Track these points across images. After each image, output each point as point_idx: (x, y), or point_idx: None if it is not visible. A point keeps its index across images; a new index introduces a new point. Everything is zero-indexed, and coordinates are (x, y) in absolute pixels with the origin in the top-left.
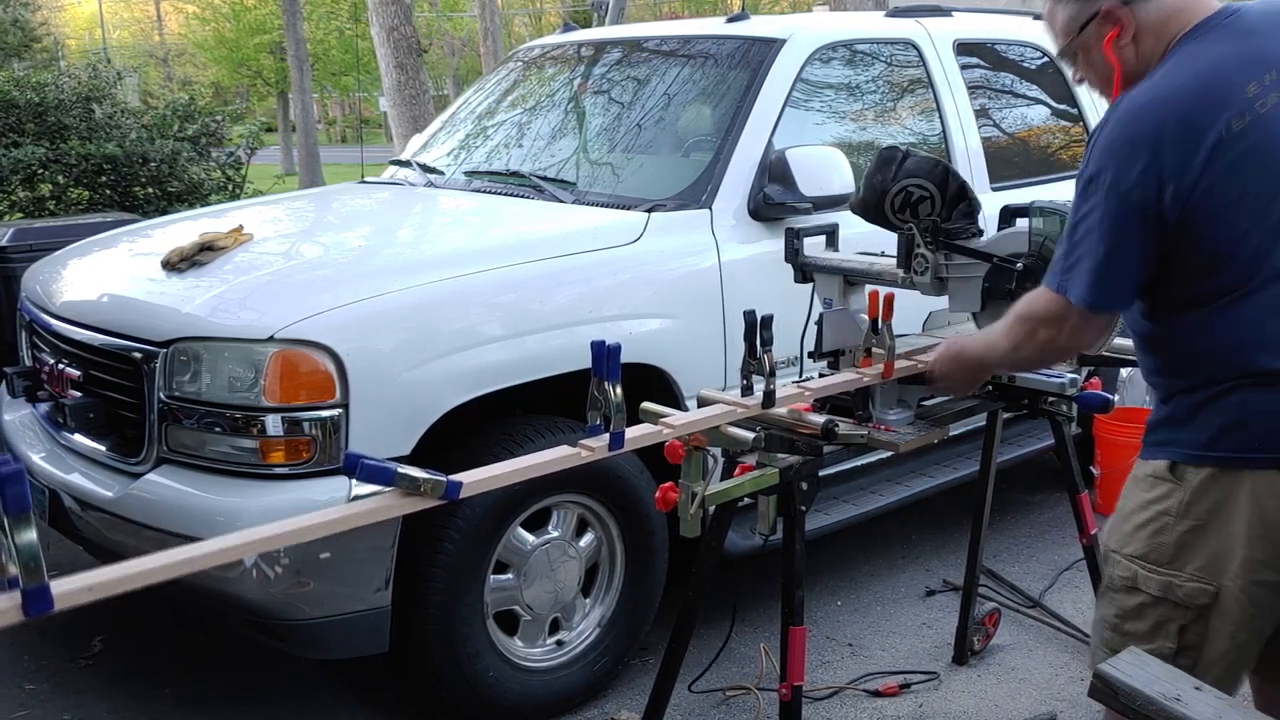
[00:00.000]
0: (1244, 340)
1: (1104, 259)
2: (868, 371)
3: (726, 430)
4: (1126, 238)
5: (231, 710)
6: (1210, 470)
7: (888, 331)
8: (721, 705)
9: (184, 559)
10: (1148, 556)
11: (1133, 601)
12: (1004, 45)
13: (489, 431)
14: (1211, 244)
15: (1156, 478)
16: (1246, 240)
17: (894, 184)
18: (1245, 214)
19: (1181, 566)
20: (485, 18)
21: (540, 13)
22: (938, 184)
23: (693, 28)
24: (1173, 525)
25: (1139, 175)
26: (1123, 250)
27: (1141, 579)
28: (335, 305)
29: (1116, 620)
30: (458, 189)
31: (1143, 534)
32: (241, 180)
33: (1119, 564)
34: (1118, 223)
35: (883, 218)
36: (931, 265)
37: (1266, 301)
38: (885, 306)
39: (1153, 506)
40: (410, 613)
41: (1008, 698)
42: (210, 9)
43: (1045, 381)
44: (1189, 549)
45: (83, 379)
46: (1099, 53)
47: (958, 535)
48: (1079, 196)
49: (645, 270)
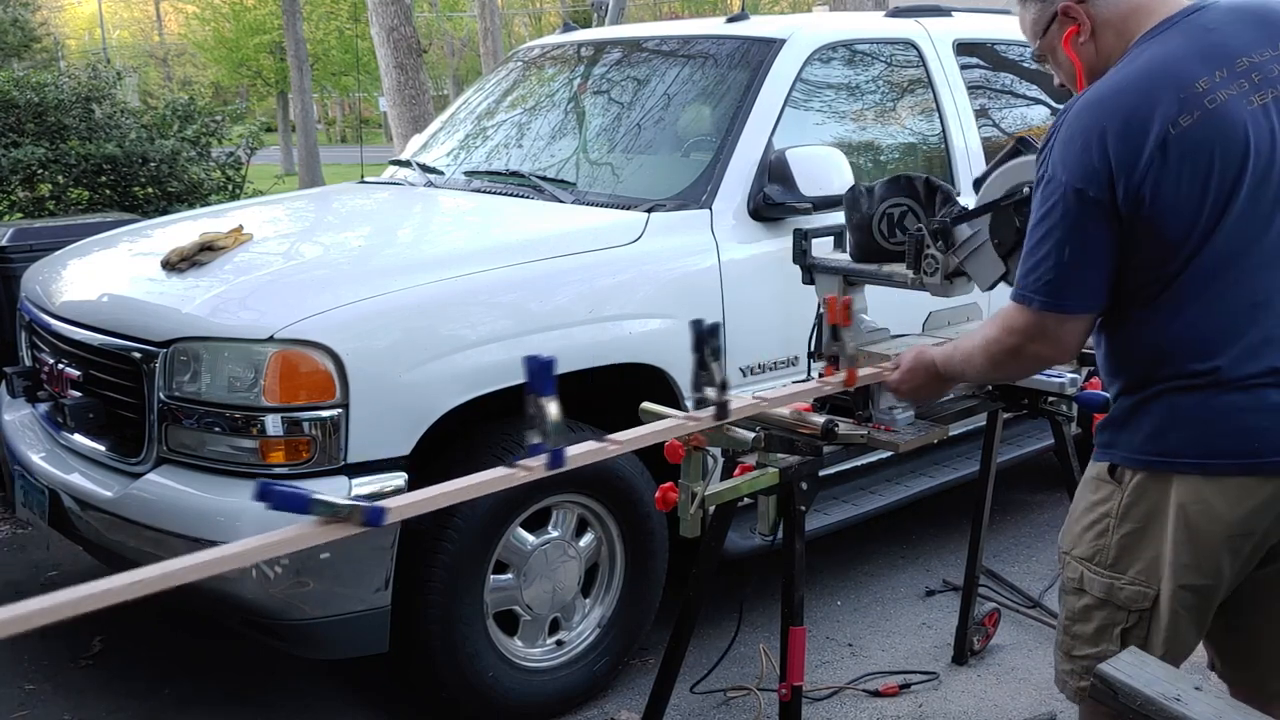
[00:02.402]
0: (1173, 342)
1: (1068, 261)
2: (830, 381)
3: (727, 430)
4: (1088, 236)
5: (231, 710)
6: (1144, 474)
7: (847, 337)
8: (722, 705)
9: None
10: (1093, 558)
11: (1079, 603)
12: (1004, 45)
13: (489, 431)
14: (1156, 244)
15: (1100, 480)
16: (1185, 241)
17: (874, 215)
18: (1187, 214)
19: (1123, 570)
20: (485, 18)
21: (540, 13)
22: (909, 194)
23: (693, 28)
24: (1114, 528)
25: (1091, 173)
26: (1088, 249)
27: (1087, 580)
28: (335, 305)
29: (1067, 623)
30: (457, 189)
31: (1089, 536)
32: (241, 180)
33: (1069, 565)
34: (1076, 222)
35: (883, 250)
36: (942, 265)
37: (1197, 303)
38: (843, 311)
39: (1097, 509)
40: (410, 613)
41: (1007, 698)
42: (210, 9)
43: (1045, 381)
44: (1129, 552)
45: (83, 379)
46: (1062, 52)
47: (958, 535)
48: (1037, 200)
49: (645, 270)
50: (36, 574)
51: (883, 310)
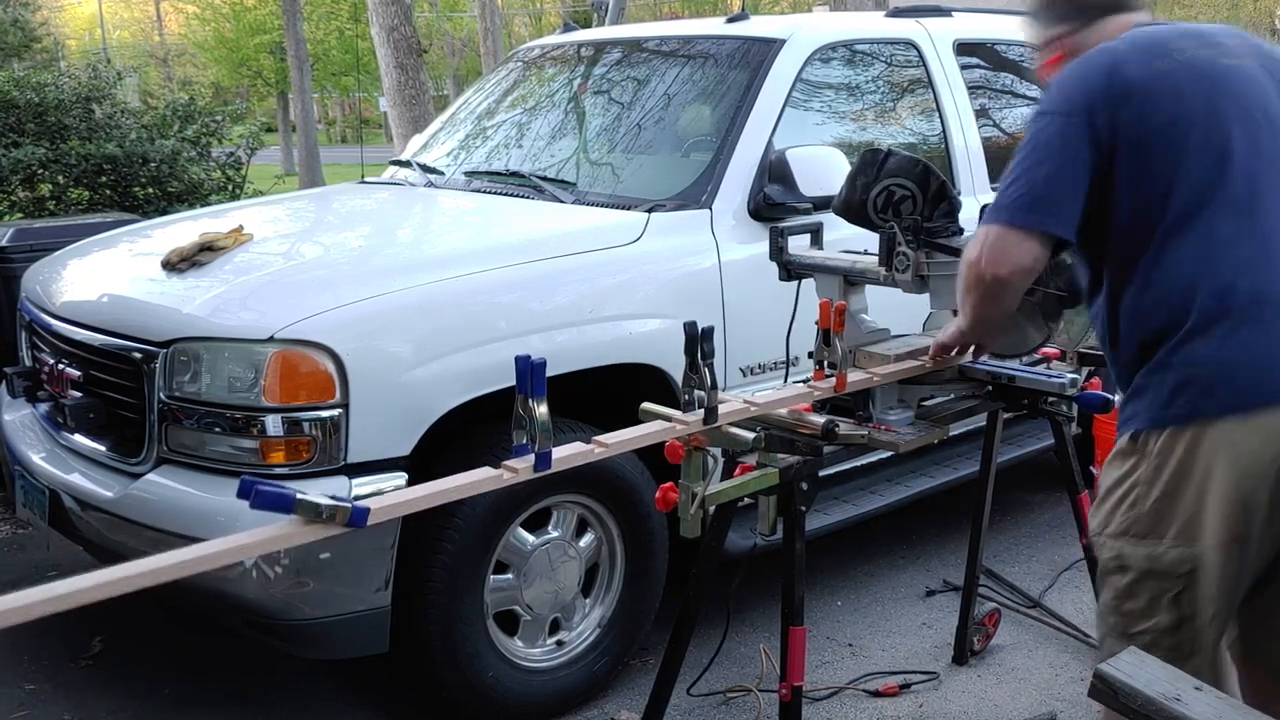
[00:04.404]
0: (1182, 286)
1: (1042, 179)
2: (819, 385)
3: (726, 430)
4: (1066, 158)
5: (231, 710)
6: (1169, 432)
7: (839, 342)
8: (722, 705)
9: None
10: (1129, 530)
11: (1124, 580)
12: (1004, 45)
13: (489, 432)
14: (1141, 178)
15: (1123, 453)
16: (1171, 176)
17: (876, 184)
18: (1168, 149)
19: (1161, 535)
20: (485, 18)
21: (540, 13)
22: (919, 183)
23: (693, 28)
24: (1144, 495)
25: (1071, 95)
26: (1064, 170)
27: (1127, 555)
28: (335, 305)
29: (1115, 603)
30: (458, 189)
31: (1120, 509)
32: (241, 180)
33: (1106, 546)
34: (1058, 146)
35: (865, 218)
36: (913, 263)
37: (1200, 241)
38: (837, 317)
39: (1125, 481)
40: (410, 613)
41: (1008, 698)
42: (210, 9)
43: (1045, 381)
44: (1164, 516)
45: (83, 379)
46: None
47: (958, 535)
48: (1025, 139)
49: (645, 270)
50: (36, 574)
51: (884, 310)
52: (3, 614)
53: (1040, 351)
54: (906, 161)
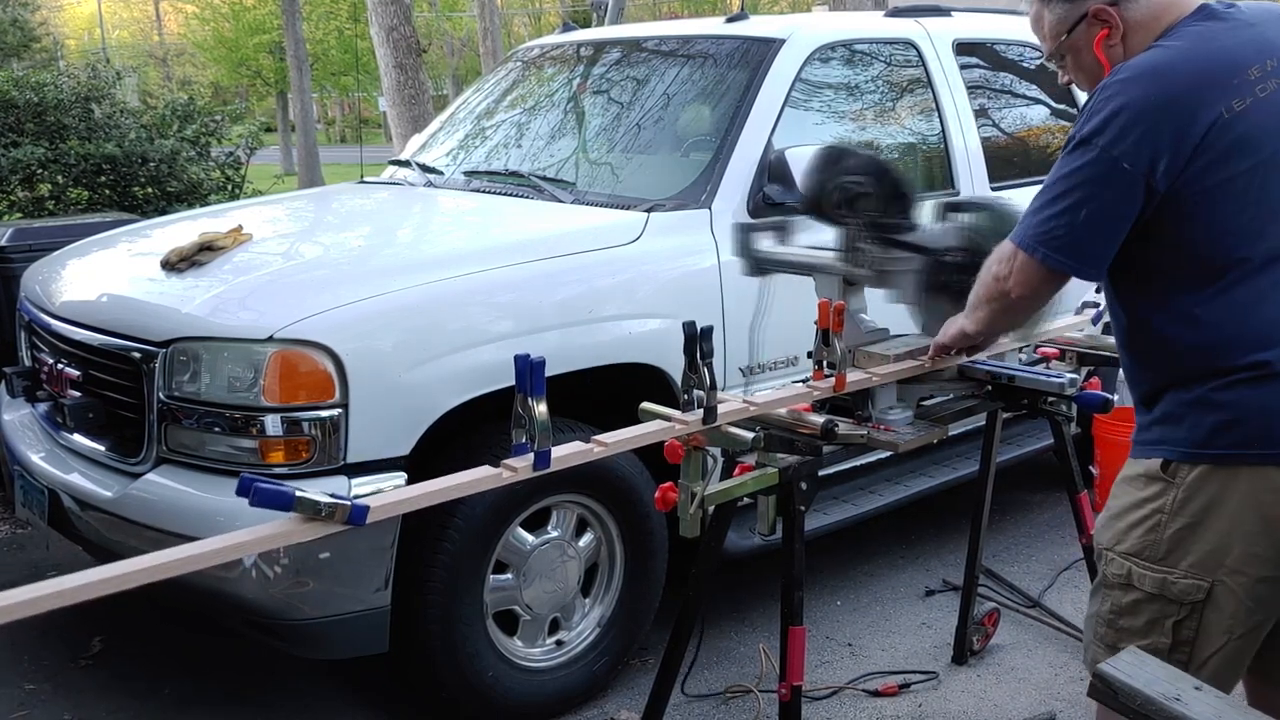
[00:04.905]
0: (1231, 333)
1: (1083, 223)
2: (819, 385)
3: (726, 430)
4: (1111, 207)
5: (231, 710)
6: (1205, 468)
7: (838, 342)
8: (721, 705)
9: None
10: (1142, 553)
11: (1128, 598)
12: (1004, 45)
13: (489, 431)
14: (1202, 227)
15: (1149, 477)
16: (1235, 225)
17: (833, 181)
18: (1236, 197)
19: (1175, 563)
20: (485, 18)
21: (540, 13)
22: (876, 180)
23: (692, 28)
24: (1166, 523)
25: (1134, 142)
26: (1106, 219)
27: (1136, 575)
28: (335, 305)
29: (1112, 616)
30: (457, 189)
31: (1137, 531)
32: (241, 180)
33: (1113, 561)
34: (1104, 190)
35: (824, 214)
36: (870, 259)
37: (1254, 290)
38: (836, 317)
39: (1147, 505)
40: (410, 613)
41: (1007, 698)
42: (210, 9)
43: (1045, 381)
44: (1183, 546)
45: (82, 379)
46: (1089, 54)
47: (958, 535)
48: (1065, 156)
49: (645, 270)
50: (36, 574)
51: (883, 310)
52: (8, 608)
53: (1040, 351)
54: (864, 160)
